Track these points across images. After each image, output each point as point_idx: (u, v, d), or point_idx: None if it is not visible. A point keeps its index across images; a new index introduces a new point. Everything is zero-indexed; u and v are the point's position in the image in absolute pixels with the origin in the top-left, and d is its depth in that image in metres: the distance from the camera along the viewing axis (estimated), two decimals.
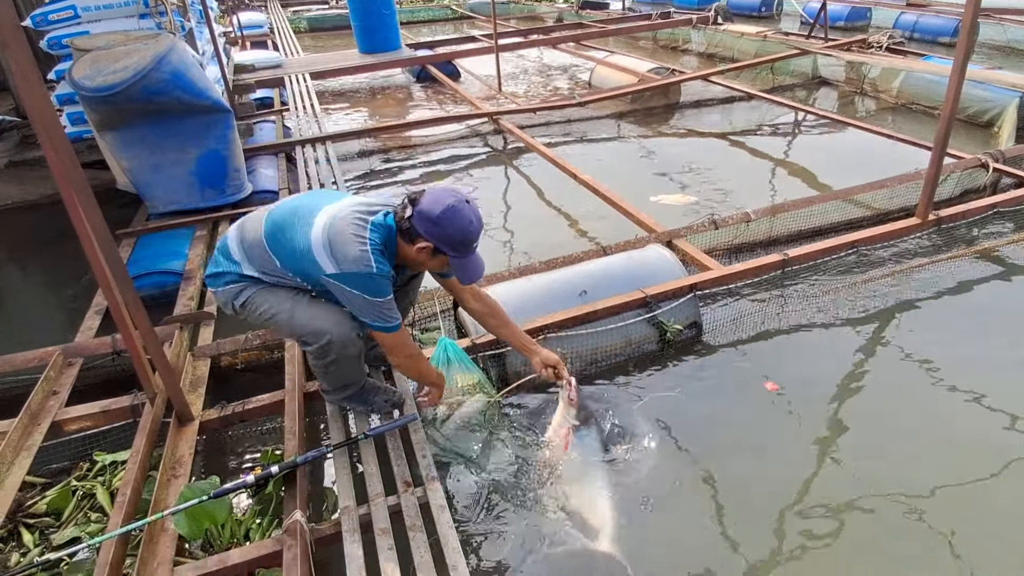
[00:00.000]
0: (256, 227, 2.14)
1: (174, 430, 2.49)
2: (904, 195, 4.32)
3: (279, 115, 6.77)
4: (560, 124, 6.67)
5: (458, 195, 1.99)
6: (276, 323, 2.17)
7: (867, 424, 2.68)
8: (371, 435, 2.27)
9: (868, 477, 2.39)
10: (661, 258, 3.37)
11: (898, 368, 3.01)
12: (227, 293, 2.21)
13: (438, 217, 1.94)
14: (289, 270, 2.10)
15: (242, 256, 2.15)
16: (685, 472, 2.46)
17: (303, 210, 2.08)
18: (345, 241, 1.96)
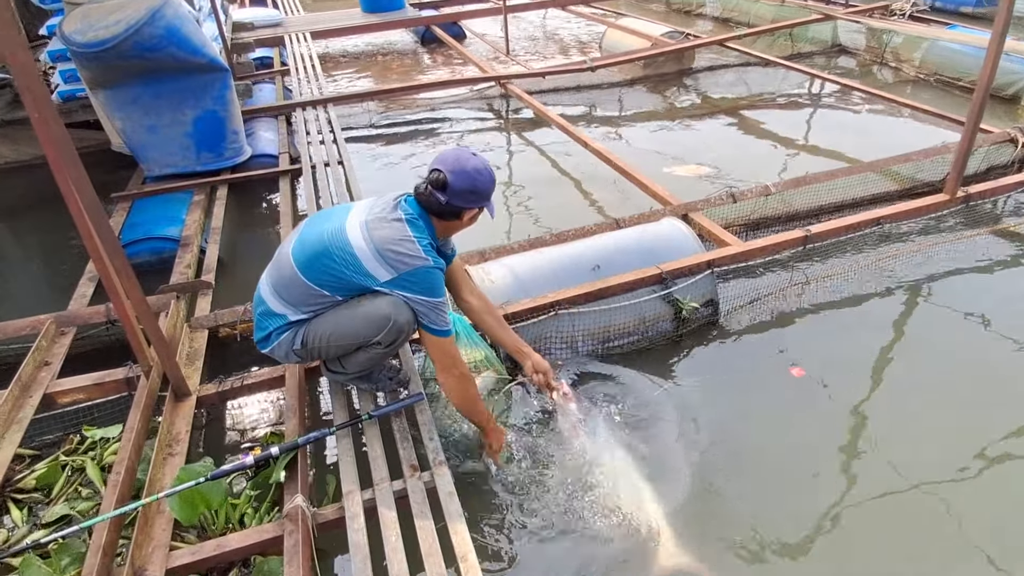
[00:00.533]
0: (286, 270, 2.04)
1: (170, 405, 2.39)
2: (930, 169, 4.15)
3: (279, 76, 6.55)
4: (570, 90, 6.45)
5: (466, 154, 1.99)
6: (342, 335, 2.06)
7: (898, 409, 2.59)
8: (376, 416, 2.17)
9: (906, 464, 2.31)
10: (677, 232, 3.23)
11: (926, 348, 2.91)
12: (283, 345, 2.12)
13: (474, 186, 1.96)
14: (339, 292, 2.02)
15: (284, 305, 2.07)
16: (715, 471, 2.36)
17: (329, 230, 2.00)
18: (393, 242, 1.91)
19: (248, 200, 4.47)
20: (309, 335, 2.07)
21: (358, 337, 2.05)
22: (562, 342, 2.88)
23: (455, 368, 2.05)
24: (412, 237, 1.91)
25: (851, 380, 2.76)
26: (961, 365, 2.82)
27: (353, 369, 2.21)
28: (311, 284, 2.00)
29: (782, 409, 2.64)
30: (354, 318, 2.02)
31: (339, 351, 2.12)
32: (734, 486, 2.27)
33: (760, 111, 5.94)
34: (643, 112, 6.06)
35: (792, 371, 2.83)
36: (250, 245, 4.08)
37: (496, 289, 2.88)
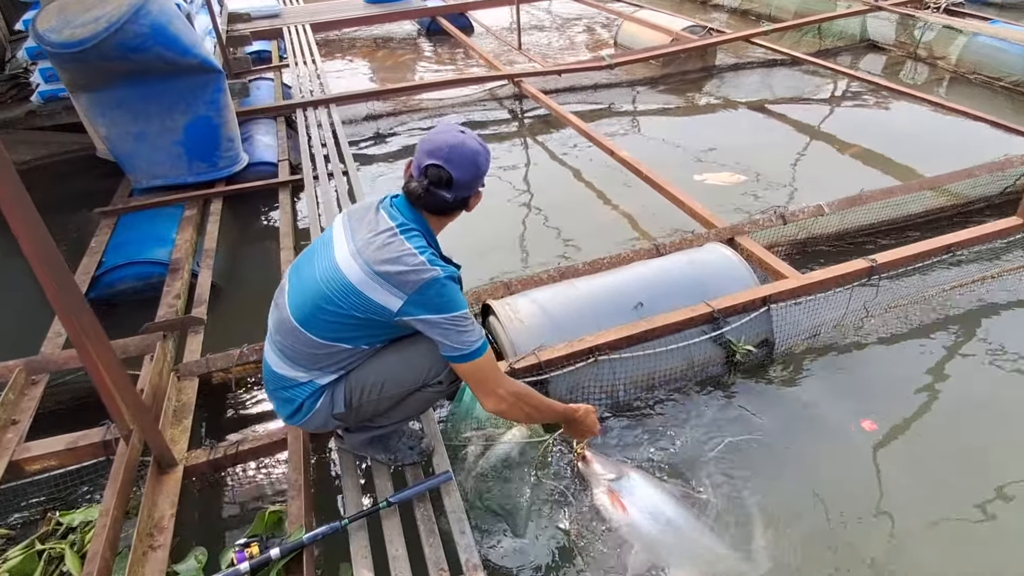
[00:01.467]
0: (291, 334, 1.71)
1: (153, 480, 2.04)
2: (986, 185, 3.80)
3: (277, 71, 6.15)
4: (587, 89, 6.06)
5: (455, 137, 1.67)
6: (397, 381, 1.76)
7: (993, 466, 2.26)
8: (395, 502, 1.83)
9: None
10: (726, 261, 2.88)
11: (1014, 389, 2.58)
12: (320, 414, 1.78)
13: (478, 170, 1.70)
14: (363, 341, 1.71)
15: (307, 372, 1.75)
16: (788, 549, 2.03)
17: (321, 272, 1.67)
18: (391, 261, 1.59)
19: (245, 214, 4.10)
20: (353, 393, 1.75)
21: (417, 378, 1.76)
22: (601, 391, 2.54)
23: (499, 387, 1.71)
24: (411, 249, 1.61)
25: (926, 431, 2.44)
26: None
27: (399, 417, 1.89)
28: (327, 342, 1.67)
29: (862, 474, 2.29)
30: (407, 359, 1.74)
31: (392, 401, 1.80)
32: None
33: (790, 111, 5.56)
34: (666, 113, 5.68)
35: (863, 424, 2.49)
36: (248, 267, 3.72)
37: (527, 331, 2.53)
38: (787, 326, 2.79)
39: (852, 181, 4.11)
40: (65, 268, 1.64)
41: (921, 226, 3.71)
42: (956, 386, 2.65)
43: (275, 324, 1.76)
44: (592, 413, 2.01)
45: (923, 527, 2.09)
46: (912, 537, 2.05)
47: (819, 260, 3.43)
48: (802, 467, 2.30)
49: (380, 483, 1.96)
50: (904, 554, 2.00)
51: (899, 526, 2.08)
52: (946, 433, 2.44)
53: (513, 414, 1.77)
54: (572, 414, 1.96)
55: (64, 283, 1.65)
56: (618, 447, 2.35)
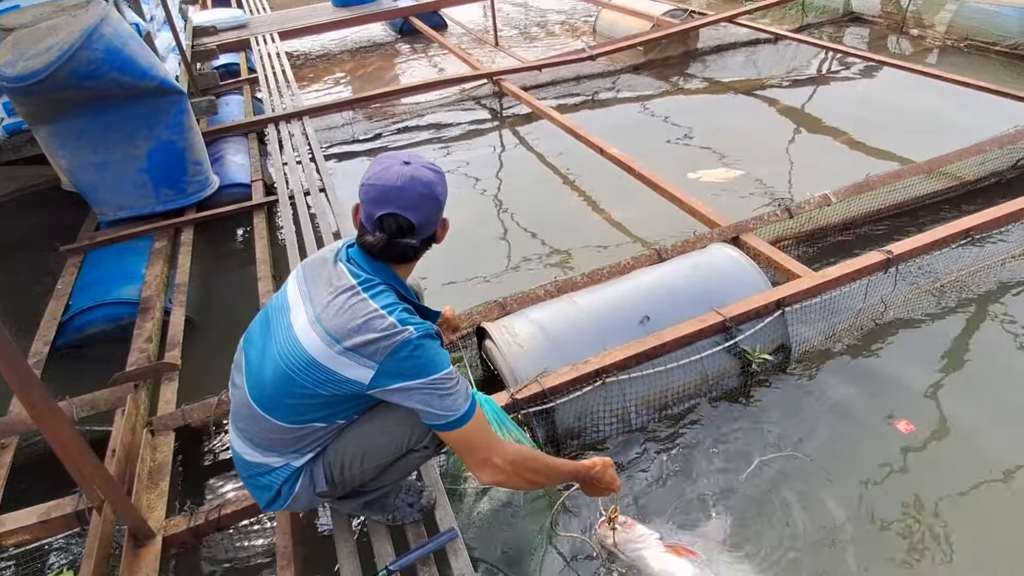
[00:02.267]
0: (255, 420, 1.51)
1: (129, 556, 1.86)
2: (996, 159, 3.64)
3: (247, 85, 5.92)
4: (568, 82, 5.86)
5: (398, 172, 1.43)
6: (379, 450, 1.56)
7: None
8: (395, 569, 1.65)
9: None
10: (733, 264, 2.70)
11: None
12: (302, 497, 1.60)
13: (437, 201, 1.48)
14: (336, 416, 1.51)
15: (279, 456, 1.55)
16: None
17: (280, 348, 1.46)
18: (357, 329, 1.37)
19: (219, 240, 3.89)
20: (334, 469, 1.56)
21: (399, 446, 1.56)
22: (611, 415, 2.36)
23: (494, 455, 1.47)
24: (377, 310, 1.39)
25: (964, 429, 2.29)
26: None
27: (389, 480, 1.70)
28: (297, 426, 1.48)
29: (905, 479, 2.13)
30: (384, 427, 1.54)
31: (376, 471, 1.61)
32: None
33: (778, 93, 5.39)
34: (653, 103, 5.49)
35: (898, 426, 2.33)
36: (225, 298, 3.51)
37: (527, 355, 2.35)
38: (803, 329, 2.63)
39: (852, 165, 3.95)
40: (11, 343, 1.44)
41: (931, 208, 3.56)
42: (985, 371, 2.51)
43: (236, 408, 1.56)
44: (610, 467, 1.76)
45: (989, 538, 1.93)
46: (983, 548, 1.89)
47: (827, 253, 3.28)
48: (844, 482, 2.13)
49: (379, 546, 1.77)
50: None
51: (962, 537, 1.93)
52: (977, 427, 2.29)
53: (514, 483, 1.54)
54: (586, 473, 1.71)
55: (11, 357, 1.45)
56: (637, 493, 2.17)
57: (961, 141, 3.51)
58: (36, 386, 1.54)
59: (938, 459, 2.20)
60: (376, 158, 1.49)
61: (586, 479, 1.72)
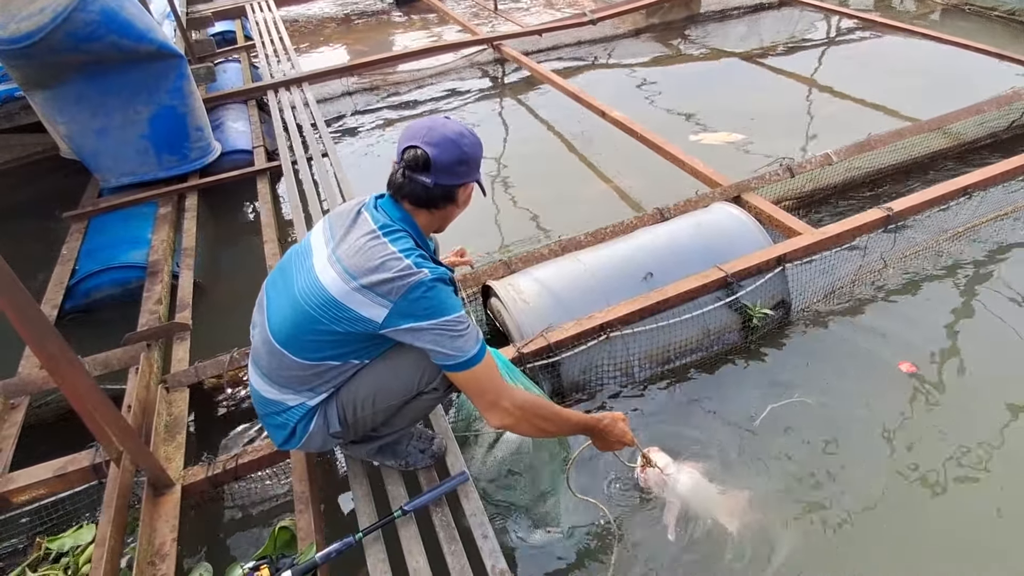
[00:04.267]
0: (275, 356, 1.55)
1: (149, 505, 1.91)
2: (994, 120, 3.65)
3: (244, 52, 5.86)
4: (570, 46, 5.81)
5: (439, 120, 1.54)
6: (391, 391, 1.60)
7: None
8: (410, 509, 1.70)
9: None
10: (735, 221, 2.73)
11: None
12: (316, 436, 1.64)
13: (462, 154, 1.51)
14: (351, 356, 1.55)
15: (295, 394, 1.59)
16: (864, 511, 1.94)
17: (301, 286, 1.50)
18: (373, 268, 1.43)
19: (224, 206, 3.90)
20: (347, 409, 1.61)
21: (410, 387, 1.61)
22: (616, 369, 2.42)
23: (502, 399, 1.52)
24: (394, 252, 1.44)
25: (964, 367, 2.38)
26: None
27: (401, 424, 1.75)
28: (313, 363, 1.52)
29: (919, 419, 2.21)
30: (395, 368, 1.58)
31: (388, 413, 1.66)
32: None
33: (781, 58, 5.37)
34: (654, 68, 5.46)
35: (901, 367, 2.40)
36: (232, 262, 3.53)
37: (532, 311, 2.39)
38: (803, 285, 2.67)
39: (852, 127, 3.95)
40: (25, 293, 1.47)
41: (930, 167, 3.58)
42: (982, 317, 2.59)
43: (257, 346, 1.61)
44: (620, 421, 1.78)
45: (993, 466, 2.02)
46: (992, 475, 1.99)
47: (826, 211, 3.31)
48: (855, 422, 2.22)
49: (393, 489, 1.83)
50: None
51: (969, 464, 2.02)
52: (977, 367, 2.37)
53: (523, 429, 1.59)
54: (596, 424, 1.74)
55: (25, 308, 1.48)
56: (656, 438, 2.22)
57: (961, 102, 3.52)
58: (53, 336, 1.57)
59: (940, 397, 2.29)
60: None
61: (596, 431, 1.75)
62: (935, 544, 1.85)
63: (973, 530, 1.87)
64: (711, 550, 1.85)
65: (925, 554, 1.83)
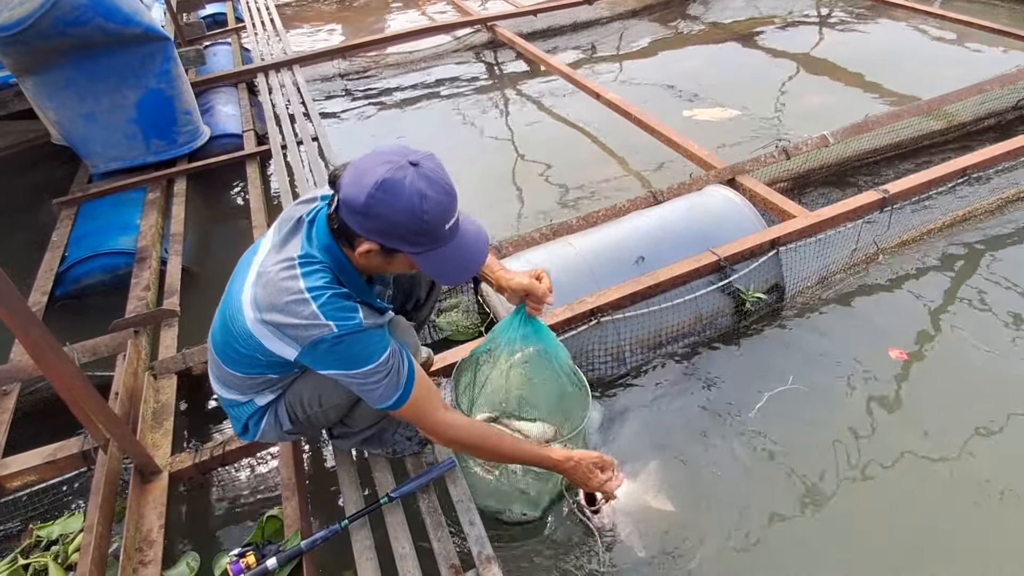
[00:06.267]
0: (215, 363, 1.52)
1: (136, 490, 1.91)
2: (996, 100, 3.60)
3: (235, 35, 5.78)
4: (566, 28, 5.73)
5: (397, 158, 1.22)
6: (335, 393, 1.53)
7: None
8: (396, 496, 1.69)
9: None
10: (729, 204, 2.70)
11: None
12: (269, 432, 1.62)
13: (365, 204, 1.20)
14: (286, 368, 1.47)
15: (242, 394, 1.56)
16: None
17: (230, 299, 1.41)
18: (279, 308, 1.28)
19: (213, 191, 3.86)
20: (295, 410, 1.57)
21: (351, 391, 1.52)
22: (607, 355, 2.40)
23: (437, 435, 1.49)
24: (302, 293, 1.27)
25: (953, 353, 2.37)
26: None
27: (362, 424, 1.71)
28: (248, 375, 1.47)
29: (910, 403, 2.21)
30: None
31: (339, 411, 1.63)
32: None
33: (778, 35, 5.30)
34: (651, 47, 5.39)
35: (891, 353, 2.38)
36: (221, 248, 3.51)
37: None
38: (797, 269, 2.64)
39: (848, 107, 3.90)
40: (8, 281, 1.45)
41: (927, 149, 3.54)
42: (973, 305, 2.57)
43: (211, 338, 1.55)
44: (585, 463, 1.61)
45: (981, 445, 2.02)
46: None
47: (820, 194, 3.27)
48: (853, 408, 2.22)
49: (380, 476, 1.82)
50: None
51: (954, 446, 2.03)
52: (967, 355, 2.36)
53: (472, 455, 1.59)
54: (560, 464, 1.59)
55: (8, 297, 1.46)
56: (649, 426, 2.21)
57: (963, 81, 3.46)
58: (36, 326, 1.56)
59: (930, 383, 2.29)
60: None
61: (559, 471, 1.63)
62: (926, 528, 1.85)
63: (963, 516, 1.87)
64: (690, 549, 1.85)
65: (917, 536, 1.83)
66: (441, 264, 1.30)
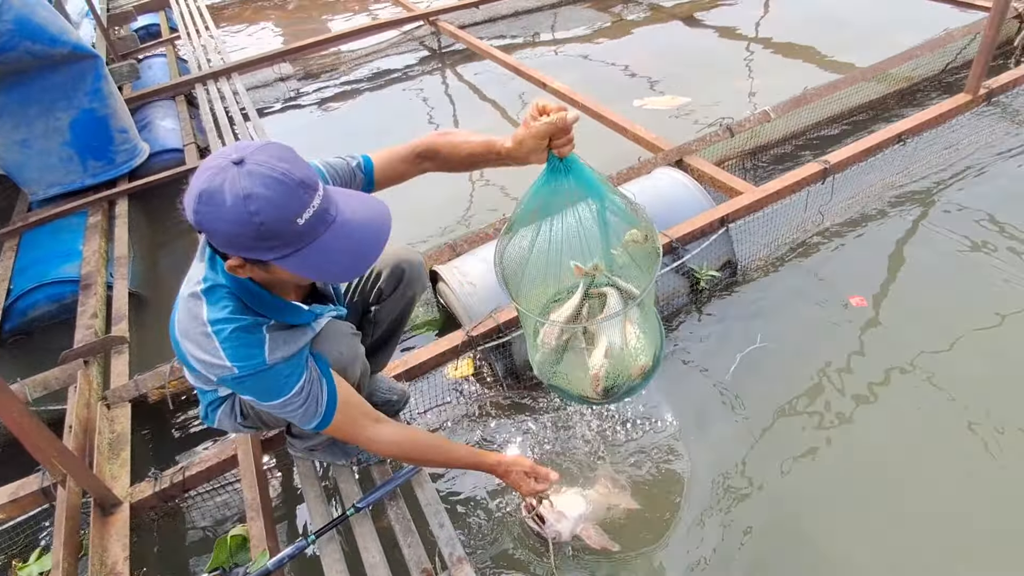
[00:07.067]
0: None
1: (98, 524, 1.86)
2: (928, 64, 3.70)
3: (170, 45, 5.61)
4: (507, 18, 5.69)
5: (220, 160, 1.07)
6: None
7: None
8: (363, 506, 1.68)
9: None
10: (677, 186, 2.74)
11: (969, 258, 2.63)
12: (225, 421, 1.61)
13: (197, 222, 1.08)
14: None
15: (205, 383, 1.52)
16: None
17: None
18: (192, 338, 1.25)
19: (157, 209, 3.75)
20: (247, 405, 1.56)
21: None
22: None
23: (367, 446, 1.47)
24: (206, 326, 1.21)
25: (905, 297, 2.50)
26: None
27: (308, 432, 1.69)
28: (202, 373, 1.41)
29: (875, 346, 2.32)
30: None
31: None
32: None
33: (719, 12, 5.36)
34: (595, 33, 5.40)
35: (852, 301, 2.49)
36: (170, 268, 3.42)
37: (479, 294, 2.36)
38: (748, 243, 2.69)
39: (792, 81, 3.96)
40: None
41: (867, 116, 3.63)
42: (919, 255, 2.69)
43: None
44: (516, 468, 1.61)
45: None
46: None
47: (769, 168, 3.34)
48: (820, 356, 2.31)
49: (346, 487, 1.81)
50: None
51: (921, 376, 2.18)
52: (917, 297, 2.51)
53: (394, 456, 1.59)
54: (494, 468, 1.60)
55: None
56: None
57: (896, 49, 3.55)
58: None
59: (886, 327, 2.41)
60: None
61: (495, 474, 1.63)
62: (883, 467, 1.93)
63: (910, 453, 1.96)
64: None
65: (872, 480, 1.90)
66: (319, 263, 1.12)
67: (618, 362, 1.59)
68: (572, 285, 1.76)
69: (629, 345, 1.61)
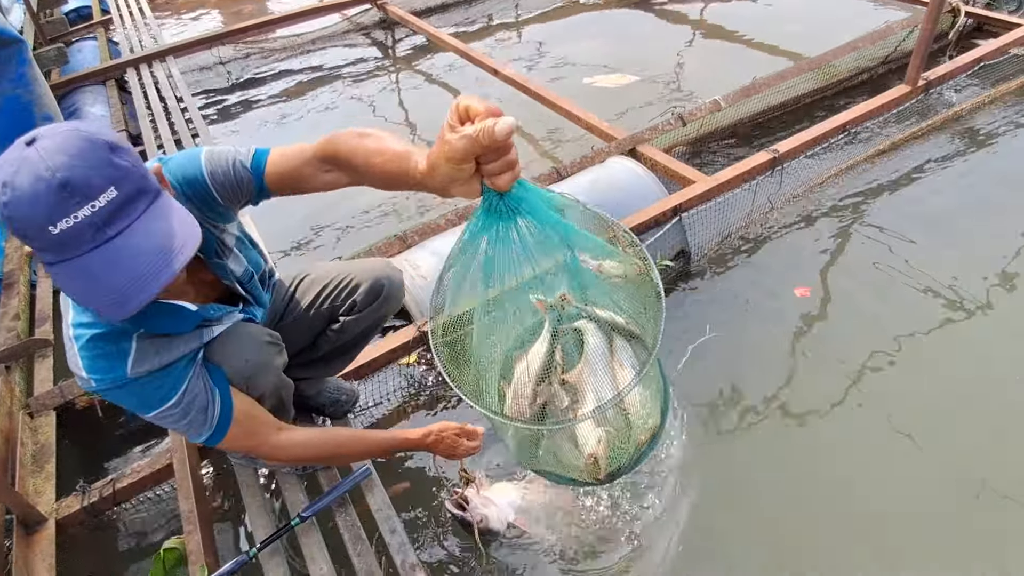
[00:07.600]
0: None
1: (21, 544, 1.72)
2: (868, 54, 3.78)
3: (101, 28, 5.28)
4: (460, 4, 5.57)
5: (22, 139, 0.94)
6: None
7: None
8: (309, 516, 1.60)
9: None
10: (631, 175, 2.72)
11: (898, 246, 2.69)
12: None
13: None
14: None
15: None
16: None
17: None
18: (66, 339, 1.16)
19: None
20: None
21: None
22: None
23: (270, 455, 1.40)
24: (69, 331, 1.14)
25: (849, 285, 2.54)
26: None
27: None
28: None
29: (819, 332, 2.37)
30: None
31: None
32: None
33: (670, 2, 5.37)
34: (548, 15, 5.36)
35: (796, 292, 2.52)
36: None
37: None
38: (700, 232, 2.69)
39: (743, 69, 3.99)
40: None
41: (813, 106, 3.68)
42: (863, 245, 2.73)
43: None
44: (448, 433, 1.58)
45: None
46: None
47: (718, 157, 3.35)
48: (766, 345, 2.34)
49: (291, 496, 1.72)
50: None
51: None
52: (859, 285, 2.55)
53: (321, 463, 1.55)
54: (420, 442, 1.56)
55: None
56: None
57: (841, 40, 3.61)
58: None
59: (828, 314, 2.46)
60: None
61: (422, 449, 1.60)
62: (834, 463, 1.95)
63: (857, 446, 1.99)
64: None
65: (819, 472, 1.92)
66: (82, 288, 0.95)
67: (619, 431, 1.31)
68: (536, 323, 1.41)
69: (631, 407, 1.31)
